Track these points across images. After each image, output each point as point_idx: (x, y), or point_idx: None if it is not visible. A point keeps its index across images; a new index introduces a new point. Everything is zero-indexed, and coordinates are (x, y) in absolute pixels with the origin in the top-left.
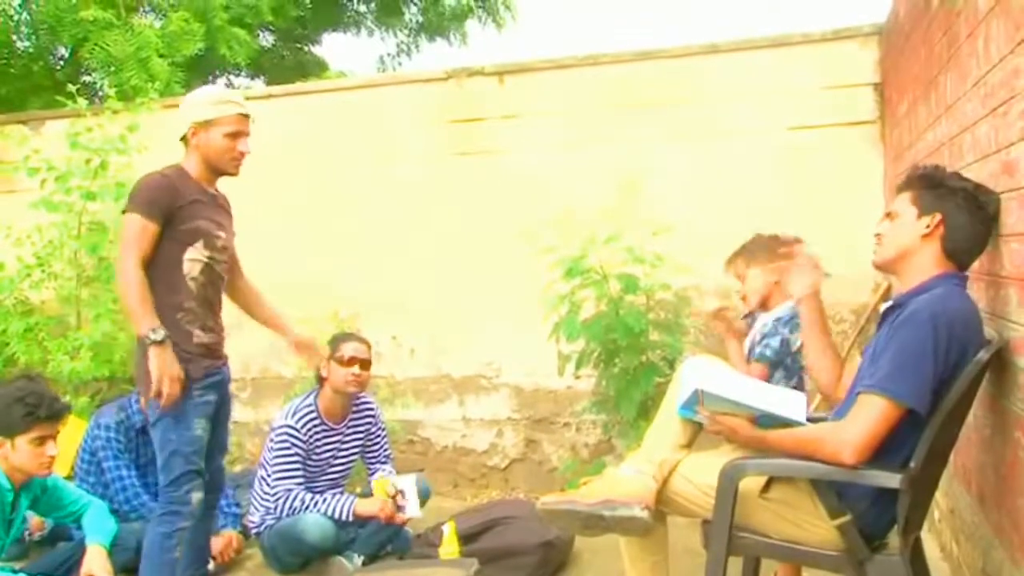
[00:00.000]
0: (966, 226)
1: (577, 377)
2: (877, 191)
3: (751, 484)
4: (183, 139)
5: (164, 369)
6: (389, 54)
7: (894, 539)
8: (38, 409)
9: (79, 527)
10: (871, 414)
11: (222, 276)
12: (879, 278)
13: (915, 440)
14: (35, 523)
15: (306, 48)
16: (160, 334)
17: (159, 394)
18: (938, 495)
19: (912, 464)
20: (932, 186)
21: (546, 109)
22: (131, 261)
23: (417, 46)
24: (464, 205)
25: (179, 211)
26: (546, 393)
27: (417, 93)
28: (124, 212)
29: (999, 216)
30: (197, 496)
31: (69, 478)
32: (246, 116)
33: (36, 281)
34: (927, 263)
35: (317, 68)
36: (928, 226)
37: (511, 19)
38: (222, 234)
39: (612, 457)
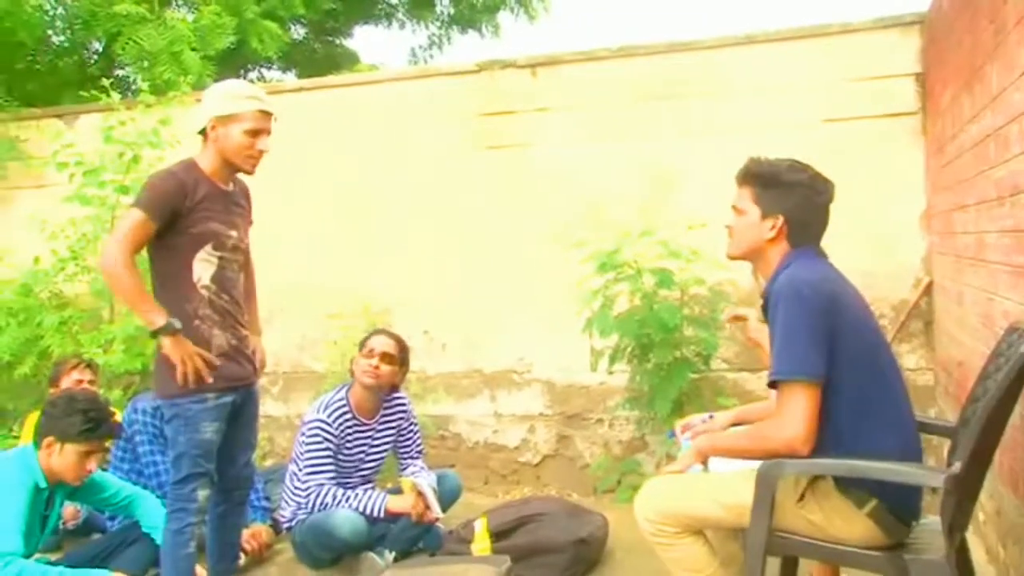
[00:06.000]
0: (807, 218)
1: (610, 373)
2: (918, 185)
3: (786, 496)
4: (202, 132)
5: (183, 353)
6: (421, 47)
7: (939, 539)
8: (98, 428)
9: (112, 518)
10: (792, 401)
11: (237, 276)
12: (920, 273)
13: (830, 404)
14: (69, 512)
15: (337, 41)
16: (171, 324)
17: (185, 378)
18: (983, 497)
19: (954, 464)
20: (770, 185)
21: (579, 102)
22: (119, 250)
23: (449, 39)
24: (495, 199)
25: (188, 212)
26: (579, 389)
27: (448, 86)
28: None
29: (833, 199)
30: (203, 493)
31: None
32: (268, 114)
33: (70, 274)
34: (776, 256)
35: (348, 61)
36: (772, 228)
37: (544, 11)
38: (233, 232)
39: (645, 454)
